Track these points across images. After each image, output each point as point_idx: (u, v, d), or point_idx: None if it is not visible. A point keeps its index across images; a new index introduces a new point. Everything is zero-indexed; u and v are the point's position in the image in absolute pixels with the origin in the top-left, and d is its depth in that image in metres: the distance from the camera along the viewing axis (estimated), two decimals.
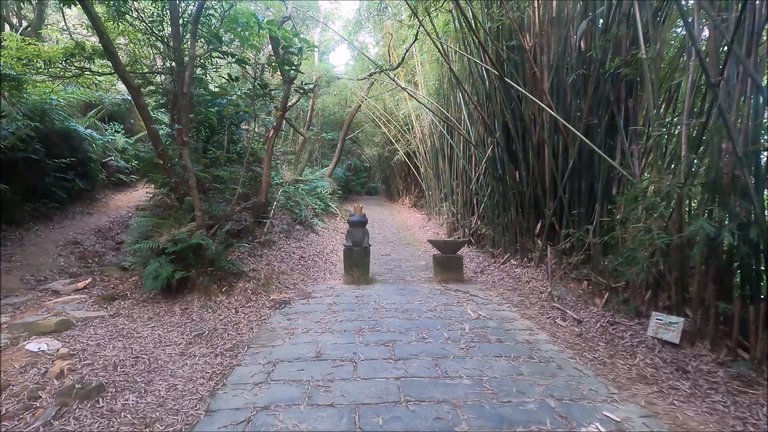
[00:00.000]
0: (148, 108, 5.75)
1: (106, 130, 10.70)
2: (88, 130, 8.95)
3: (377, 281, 6.12)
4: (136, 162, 9.28)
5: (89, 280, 5.44)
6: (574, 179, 5.58)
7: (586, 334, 3.82)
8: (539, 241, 6.15)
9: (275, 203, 8.67)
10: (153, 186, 6.64)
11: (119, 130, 10.94)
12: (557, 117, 5.15)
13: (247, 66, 6.20)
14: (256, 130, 10.89)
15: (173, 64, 6.01)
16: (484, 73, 7.08)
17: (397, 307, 4.71)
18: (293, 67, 6.21)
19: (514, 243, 6.68)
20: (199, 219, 5.21)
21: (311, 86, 8.78)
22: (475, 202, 9.40)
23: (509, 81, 5.73)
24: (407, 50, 9.14)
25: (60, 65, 6.95)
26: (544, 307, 4.72)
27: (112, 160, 10.04)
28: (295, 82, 7.12)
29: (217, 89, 7.31)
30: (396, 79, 10.62)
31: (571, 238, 5.35)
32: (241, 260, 5.65)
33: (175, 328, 4.05)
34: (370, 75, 9.83)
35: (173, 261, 4.82)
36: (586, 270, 4.99)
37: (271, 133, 7.51)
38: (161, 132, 5.93)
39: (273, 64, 5.92)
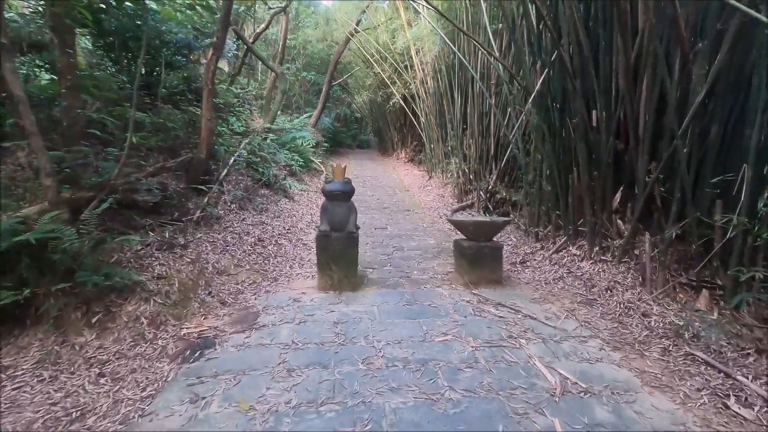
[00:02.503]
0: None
1: (24, 64, 7.86)
2: None
3: (369, 283, 3.96)
4: None
5: None
6: (695, 124, 3.34)
7: None
8: (620, 222, 3.99)
9: (232, 160, 6.32)
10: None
11: (43, 64, 8.05)
12: None
13: None
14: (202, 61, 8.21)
15: None
16: None
17: (405, 356, 2.58)
18: None
19: (574, 221, 4.49)
20: (50, 191, 2.89)
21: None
22: (496, 157, 7.19)
23: None
24: None
25: None
26: (670, 353, 2.63)
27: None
28: None
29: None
30: None
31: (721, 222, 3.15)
32: (140, 260, 3.39)
33: None
34: None
35: None
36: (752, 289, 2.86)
37: (211, 54, 5.00)
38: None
39: None
